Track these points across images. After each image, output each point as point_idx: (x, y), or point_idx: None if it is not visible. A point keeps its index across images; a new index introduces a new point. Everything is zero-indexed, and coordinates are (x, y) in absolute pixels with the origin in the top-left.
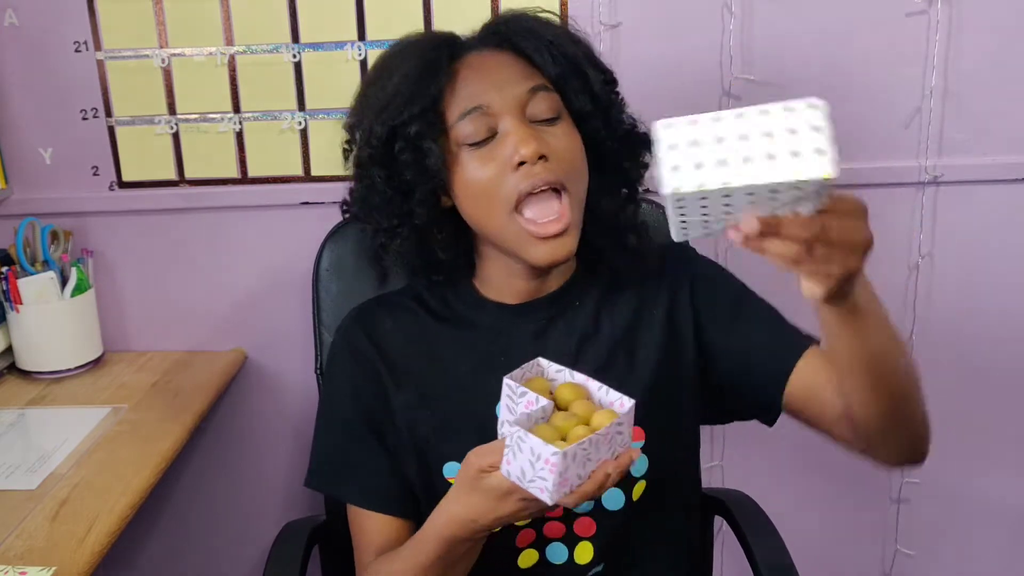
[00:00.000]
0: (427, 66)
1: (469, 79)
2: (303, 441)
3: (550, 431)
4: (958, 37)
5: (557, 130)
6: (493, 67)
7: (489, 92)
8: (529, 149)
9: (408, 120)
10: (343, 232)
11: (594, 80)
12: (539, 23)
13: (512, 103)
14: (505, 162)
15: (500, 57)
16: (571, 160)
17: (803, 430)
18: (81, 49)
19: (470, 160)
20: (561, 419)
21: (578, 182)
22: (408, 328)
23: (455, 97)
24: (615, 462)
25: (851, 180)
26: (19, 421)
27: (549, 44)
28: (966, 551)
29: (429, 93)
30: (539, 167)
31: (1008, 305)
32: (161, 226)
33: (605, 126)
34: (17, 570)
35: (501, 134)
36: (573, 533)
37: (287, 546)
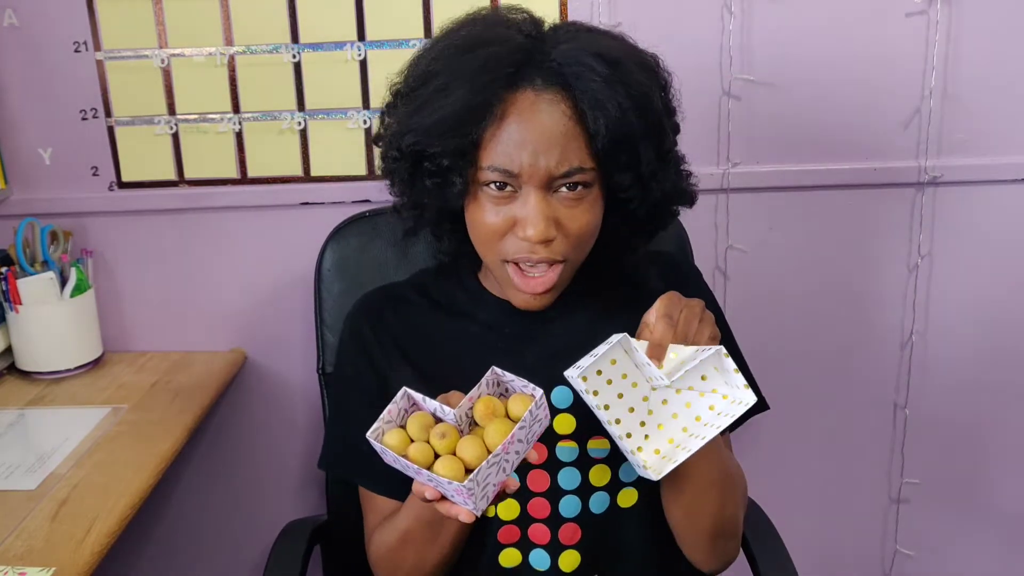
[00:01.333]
0: (474, 107)
1: (510, 131)
2: (303, 441)
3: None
4: (958, 37)
5: (578, 208)
6: (538, 125)
7: (522, 157)
8: (538, 231)
9: (442, 152)
10: (345, 232)
11: (645, 158)
12: (611, 82)
13: (541, 177)
14: (513, 222)
15: (553, 111)
16: (580, 238)
17: (802, 431)
18: (81, 49)
19: (486, 201)
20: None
21: (580, 253)
22: (412, 319)
23: (493, 144)
24: (512, 481)
25: (850, 180)
26: (19, 421)
27: (610, 119)
28: (966, 551)
29: (470, 135)
30: (540, 247)
31: (1007, 305)
32: (161, 226)
33: (641, 196)
34: (17, 570)
35: (521, 197)
36: (558, 540)
37: (288, 545)
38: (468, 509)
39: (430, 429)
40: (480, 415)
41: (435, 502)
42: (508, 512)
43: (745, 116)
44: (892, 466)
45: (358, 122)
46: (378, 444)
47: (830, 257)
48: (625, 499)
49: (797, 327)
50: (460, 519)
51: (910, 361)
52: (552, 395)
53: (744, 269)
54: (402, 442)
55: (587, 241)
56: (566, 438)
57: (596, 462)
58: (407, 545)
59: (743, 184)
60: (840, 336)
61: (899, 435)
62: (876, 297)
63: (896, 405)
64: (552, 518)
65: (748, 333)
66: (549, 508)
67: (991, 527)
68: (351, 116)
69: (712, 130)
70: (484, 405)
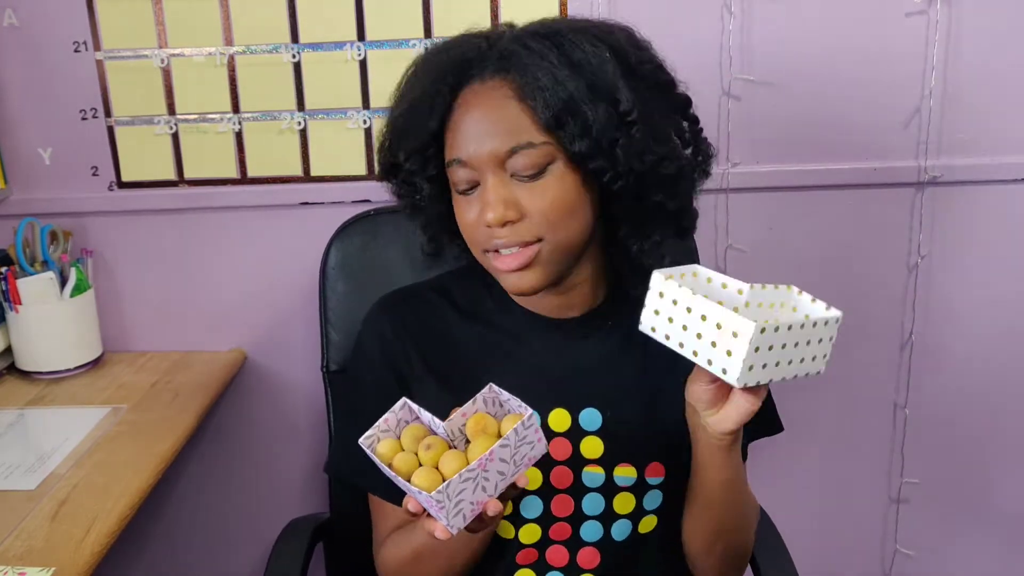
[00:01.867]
0: (425, 101)
1: (461, 122)
2: (303, 440)
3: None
4: (957, 37)
5: (539, 185)
6: (483, 112)
7: (471, 145)
8: (495, 215)
9: (404, 157)
10: (350, 231)
11: (595, 119)
12: (544, 54)
13: (490, 160)
14: (480, 214)
15: (496, 96)
16: (551, 215)
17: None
18: (80, 49)
19: (458, 201)
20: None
21: (557, 231)
22: (434, 322)
23: (451, 138)
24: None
25: (850, 180)
26: (18, 421)
27: (545, 88)
28: (966, 551)
29: (425, 131)
30: (505, 230)
31: (1007, 305)
32: (160, 226)
33: (612, 164)
34: (16, 570)
35: (481, 187)
36: (576, 564)
37: (290, 543)
38: (442, 525)
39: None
40: (471, 431)
41: (418, 517)
42: (529, 536)
43: (745, 116)
44: (892, 466)
45: (358, 122)
46: (368, 451)
47: (830, 257)
48: (645, 525)
49: None
50: (435, 535)
51: (910, 361)
52: (580, 417)
53: (744, 269)
54: (392, 451)
55: (560, 219)
56: (593, 463)
57: (622, 489)
58: (419, 562)
59: (743, 184)
60: (840, 336)
61: (899, 435)
62: (876, 297)
63: (896, 405)
64: (572, 540)
65: None
66: (570, 531)
67: (991, 527)
68: (351, 116)
69: (712, 130)
70: (475, 422)
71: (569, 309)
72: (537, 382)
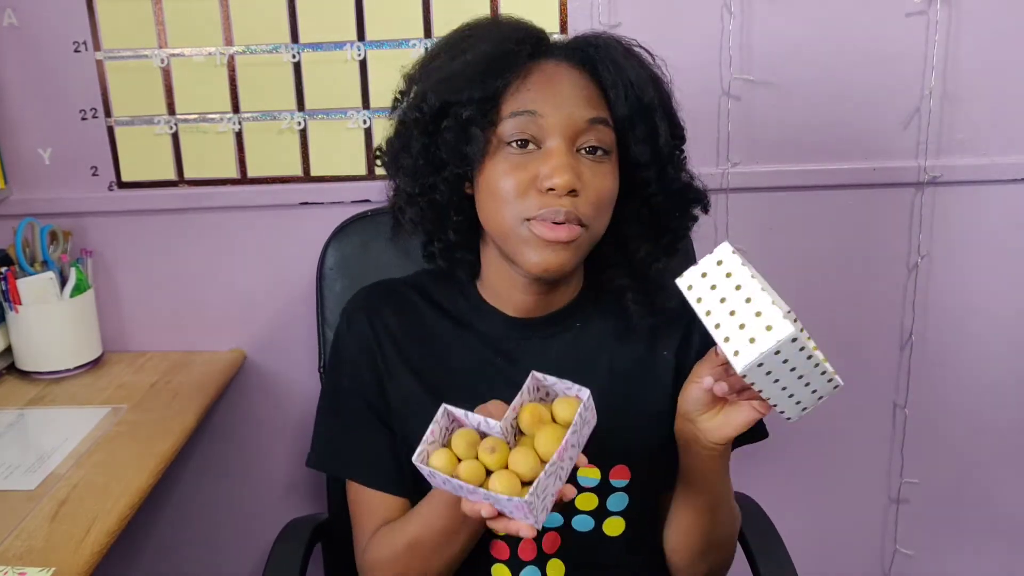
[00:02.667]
0: (502, 56)
1: (536, 84)
2: (302, 441)
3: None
4: (957, 37)
5: (600, 168)
6: (564, 82)
7: (549, 103)
8: (563, 180)
9: (465, 102)
10: (347, 231)
11: (661, 132)
12: (628, 57)
13: (567, 124)
14: (535, 179)
15: (575, 75)
16: (601, 201)
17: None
18: (80, 49)
19: (505, 160)
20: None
21: (598, 221)
22: (410, 319)
23: (516, 95)
24: (569, 488)
25: (850, 180)
26: (18, 421)
27: (629, 83)
28: (966, 551)
29: (495, 83)
30: (565, 200)
31: (1006, 305)
32: (160, 226)
33: (658, 179)
34: (16, 570)
35: (545, 150)
36: (542, 551)
37: (289, 544)
38: (529, 523)
39: (477, 445)
40: (527, 424)
41: (492, 519)
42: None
43: (745, 116)
44: (892, 466)
45: (358, 122)
46: (425, 467)
47: (830, 257)
48: (612, 528)
49: None
50: (521, 534)
51: (910, 361)
52: None
53: None
54: (450, 462)
55: (605, 209)
56: None
57: (584, 490)
58: (414, 553)
59: (743, 184)
60: (840, 336)
61: (899, 435)
62: (876, 297)
63: (896, 405)
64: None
65: None
66: None
67: (991, 527)
68: (351, 116)
69: (712, 130)
70: (530, 413)
71: (545, 307)
72: (507, 385)
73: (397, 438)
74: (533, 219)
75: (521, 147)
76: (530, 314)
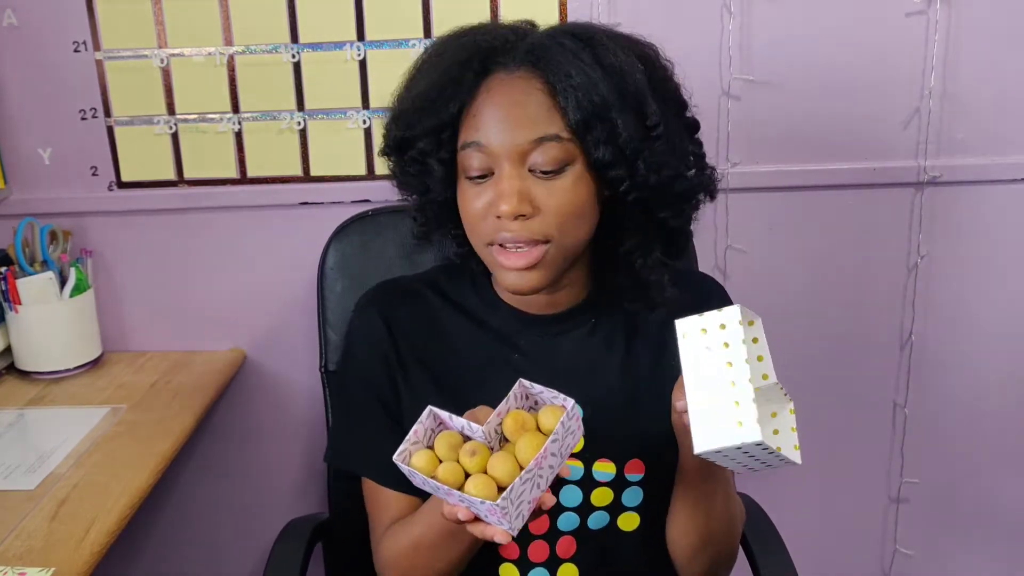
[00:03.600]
0: (448, 84)
1: (483, 108)
2: (303, 440)
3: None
4: (957, 37)
5: (557, 184)
6: (510, 101)
7: (492, 131)
8: (510, 206)
9: (419, 135)
10: (348, 231)
11: (623, 129)
12: (582, 54)
13: (512, 150)
14: (492, 204)
15: (525, 87)
16: (565, 215)
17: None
18: (80, 49)
19: (467, 188)
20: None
21: (567, 234)
22: (423, 316)
23: (468, 123)
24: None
25: (850, 180)
26: (18, 421)
27: (578, 87)
28: (966, 551)
29: (443, 115)
30: (516, 224)
31: (1006, 305)
32: (160, 226)
33: (631, 175)
34: (16, 570)
35: (495, 176)
36: (555, 555)
37: (289, 544)
38: (503, 529)
39: (459, 448)
40: (510, 430)
41: (469, 523)
42: None
43: (744, 116)
44: (892, 466)
45: (357, 122)
46: (405, 467)
47: (830, 257)
48: (626, 523)
49: (797, 327)
50: (496, 540)
51: (910, 361)
52: None
53: (744, 269)
54: (430, 463)
55: (570, 221)
56: (572, 456)
57: (600, 484)
58: (419, 553)
59: (742, 184)
60: (840, 336)
61: (899, 435)
62: (875, 297)
63: (896, 405)
64: (550, 533)
65: None
66: (548, 523)
67: (990, 527)
68: (350, 116)
69: (711, 130)
70: (513, 420)
71: (554, 306)
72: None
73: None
74: (493, 244)
75: (479, 179)
76: (542, 311)
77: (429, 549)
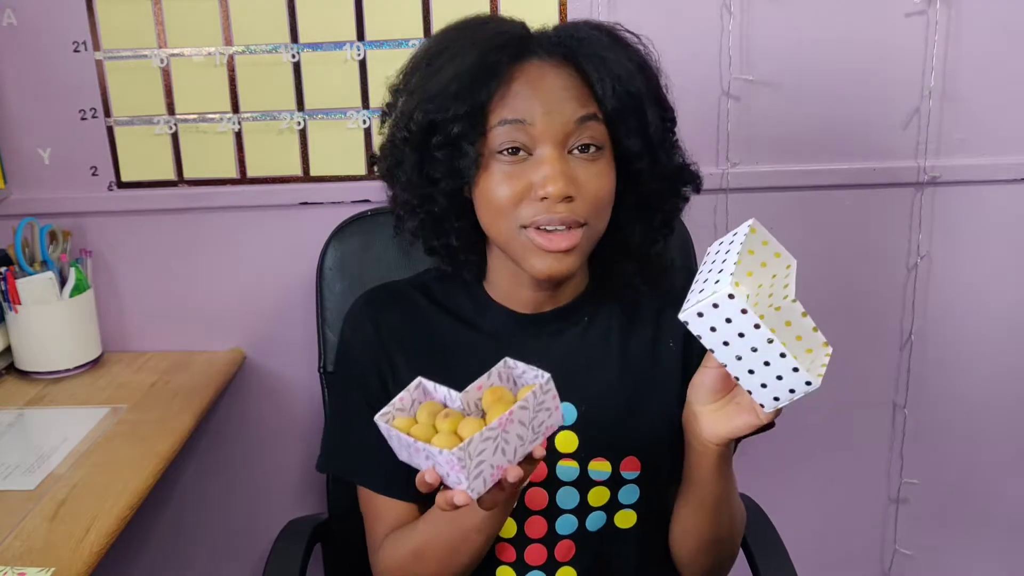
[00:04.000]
0: (484, 68)
1: (521, 91)
2: (303, 441)
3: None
4: (957, 37)
5: (593, 168)
6: (549, 84)
7: (536, 110)
8: (557, 188)
9: (452, 119)
10: (347, 231)
11: (652, 121)
12: (613, 47)
13: (556, 129)
14: (530, 187)
15: (560, 74)
16: (598, 200)
17: (802, 431)
18: (80, 49)
19: (498, 170)
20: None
21: (599, 219)
22: (414, 321)
23: (503, 103)
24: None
25: (849, 180)
26: (18, 421)
27: (616, 78)
28: (965, 551)
29: (480, 96)
30: (561, 206)
31: (1006, 305)
32: (160, 226)
33: (651, 165)
34: (16, 571)
35: (536, 158)
36: (553, 558)
37: (288, 544)
38: (463, 489)
39: (437, 415)
40: (487, 402)
41: (436, 493)
42: (506, 530)
43: (744, 116)
44: (891, 466)
45: (357, 122)
46: (384, 425)
47: (829, 257)
48: (623, 520)
49: None
50: (455, 502)
51: (909, 361)
52: None
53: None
54: (408, 426)
55: (604, 208)
56: (567, 456)
57: (596, 483)
58: (421, 562)
59: (742, 184)
60: (839, 336)
61: (898, 435)
62: (875, 297)
63: (895, 405)
64: (548, 537)
65: None
66: (546, 527)
67: (990, 527)
68: (350, 116)
69: (711, 130)
70: (491, 393)
71: (553, 302)
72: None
73: None
74: (530, 227)
75: (512, 154)
76: (538, 310)
77: (432, 558)
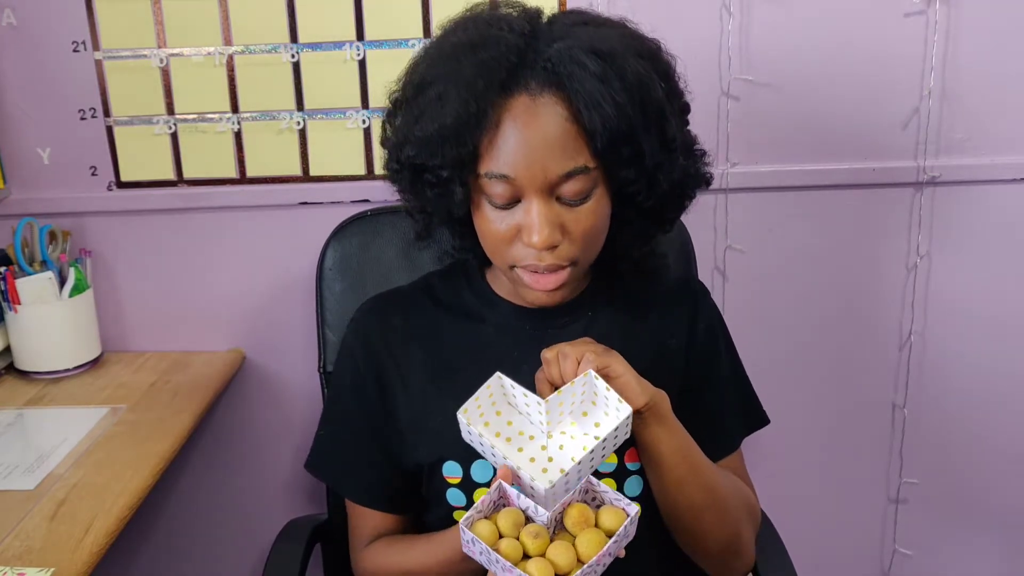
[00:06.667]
0: (468, 117)
1: (509, 138)
2: (302, 441)
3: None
4: (956, 38)
5: (583, 210)
6: (535, 130)
7: (521, 162)
8: (542, 238)
9: (440, 164)
10: (347, 231)
11: (648, 151)
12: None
13: (540, 183)
14: (518, 230)
15: (549, 113)
16: (587, 238)
17: (801, 431)
18: (79, 49)
19: (489, 211)
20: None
21: (590, 251)
22: (419, 323)
23: (489, 153)
24: None
25: (849, 180)
26: (17, 421)
27: (607, 117)
28: (965, 551)
29: (465, 147)
30: (546, 253)
31: (1006, 305)
32: (159, 226)
33: (649, 187)
34: (15, 571)
35: (524, 205)
36: None
37: (288, 544)
38: None
39: (520, 527)
40: (572, 523)
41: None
42: None
43: (744, 116)
44: (891, 466)
45: (357, 122)
46: (469, 532)
47: (829, 257)
48: None
49: (796, 327)
50: None
51: (909, 361)
52: None
53: (743, 269)
54: (492, 535)
55: (595, 241)
56: None
57: (602, 476)
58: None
59: (742, 184)
60: (839, 336)
61: (898, 435)
62: (875, 297)
63: (895, 405)
64: None
65: (747, 334)
66: None
67: (990, 527)
68: (350, 116)
69: (711, 130)
70: (578, 512)
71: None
72: (520, 373)
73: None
74: (519, 267)
75: (501, 205)
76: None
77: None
